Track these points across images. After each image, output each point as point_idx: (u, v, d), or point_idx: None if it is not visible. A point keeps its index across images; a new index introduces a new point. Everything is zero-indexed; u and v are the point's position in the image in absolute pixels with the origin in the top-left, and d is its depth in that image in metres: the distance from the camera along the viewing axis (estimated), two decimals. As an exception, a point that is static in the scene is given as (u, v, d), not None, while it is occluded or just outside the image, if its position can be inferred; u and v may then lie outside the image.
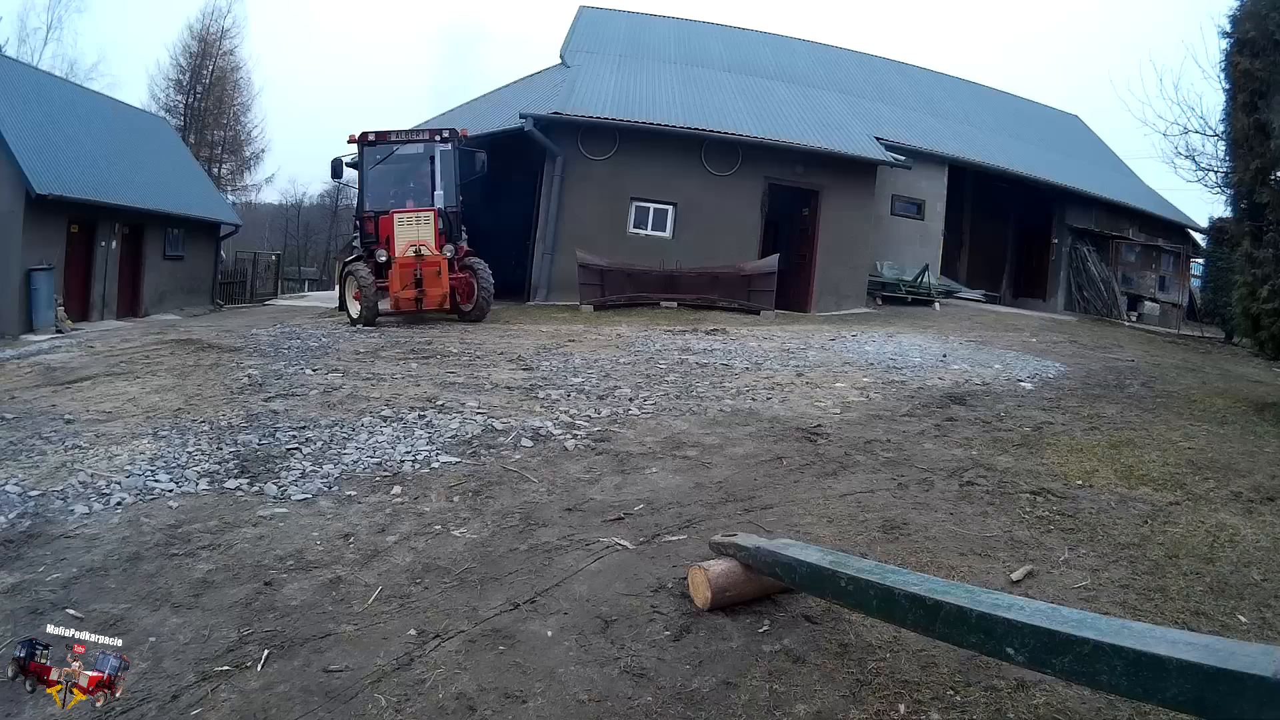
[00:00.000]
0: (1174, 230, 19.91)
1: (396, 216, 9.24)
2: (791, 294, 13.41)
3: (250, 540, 2.71)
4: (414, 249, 8.99)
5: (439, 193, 10.11)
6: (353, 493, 3.16)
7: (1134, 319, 17.57)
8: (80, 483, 3.14)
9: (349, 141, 10.04)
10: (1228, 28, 5.80)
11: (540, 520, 2.93)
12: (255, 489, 3.17)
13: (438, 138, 10.37)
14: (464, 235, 10.20)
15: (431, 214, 9.39)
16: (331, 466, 3.42)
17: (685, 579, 2.36)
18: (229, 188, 31.25)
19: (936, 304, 14.27)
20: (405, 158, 10.34)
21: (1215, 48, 14.77)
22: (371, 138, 10.01)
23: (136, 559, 2.56)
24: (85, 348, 6.46)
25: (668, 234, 13.60)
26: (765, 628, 2.17)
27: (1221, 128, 7.96)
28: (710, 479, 3.40)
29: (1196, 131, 11.03)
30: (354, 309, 9.26)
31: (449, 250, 9.30)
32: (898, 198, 15.31)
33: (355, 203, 11.29)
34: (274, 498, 3.10)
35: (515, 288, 16.75)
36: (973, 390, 5.51)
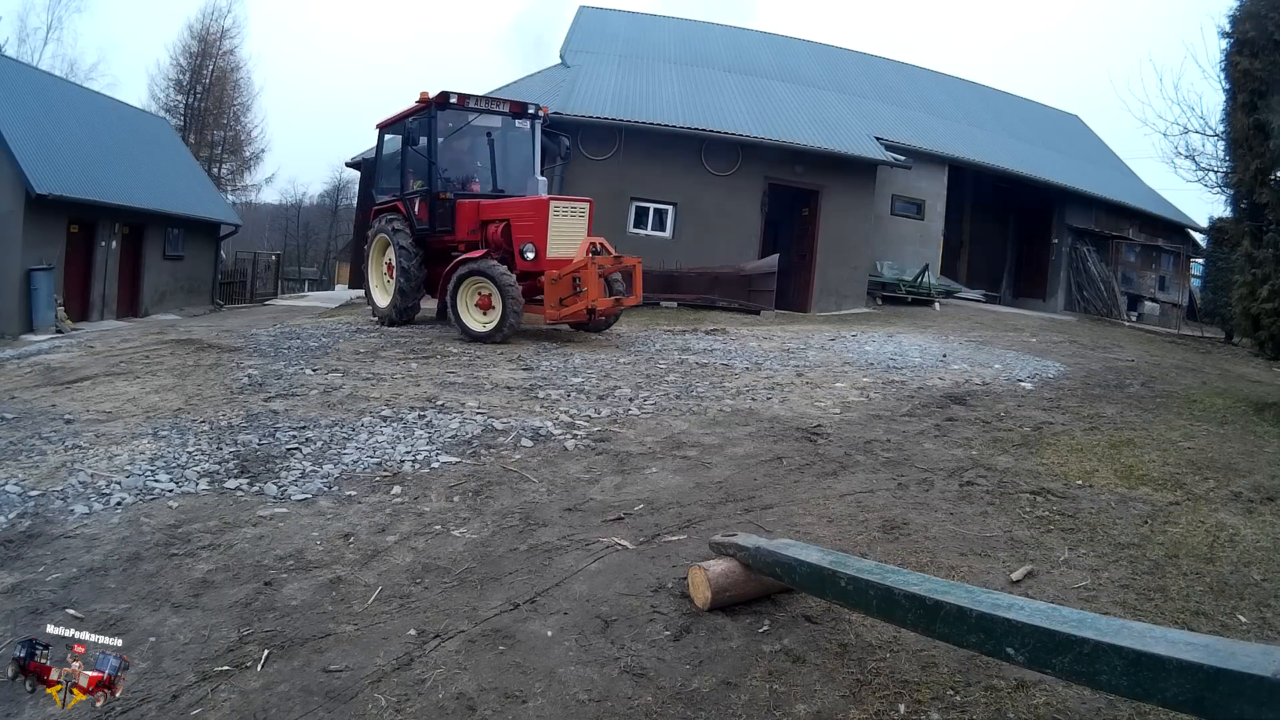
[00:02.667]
0: (1174, 230, 19.91)
1: (553, 205, 7.48)
2: (791, 294, 13.42)
3: (250, 540, 2.71)
4: (594, 247, 7.35)
5: (541, 179, 8.44)
6: (353, 493, 3.16)
7: (1134, 319, 17.57)
8: (80, 483, 3.14)
9: (419, 102, 8.08)
10: (1228, 28, 5.80)
11: (540, 520, 2.93)
12: (255, 489, 3.17)
13: (529, 110, 8.67)
14: None
15: (587, 205, 7.79)
16: (331, 466, 3.42)
17: (685, 579, 2.36)
18: (229, 188, 31.25)
19: (936, 304, 14.27)
20: (475, 131, 8.64)
21: (1215, 48, 14.77)
22: (454, 99, 8.07)
23: (136, 559, 2.56)
24: (85, 348, 6.46)
25: (668, 234, 13.61)
26: (765, 628, 2.17)
27: (1221, 128, 7.97)
28: (710, 479, 3.40)
29: (1196, 131, 11.05)
30: (475, 320, 7.23)
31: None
32: (898, 197, 15.32)
33: (379, 180, 9.32)
34: (274, 498, 3.10)
35: (515, 288, 16.65)
36: (973, 390, 5.51)
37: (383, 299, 8.62)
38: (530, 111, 8.60)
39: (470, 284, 7.28)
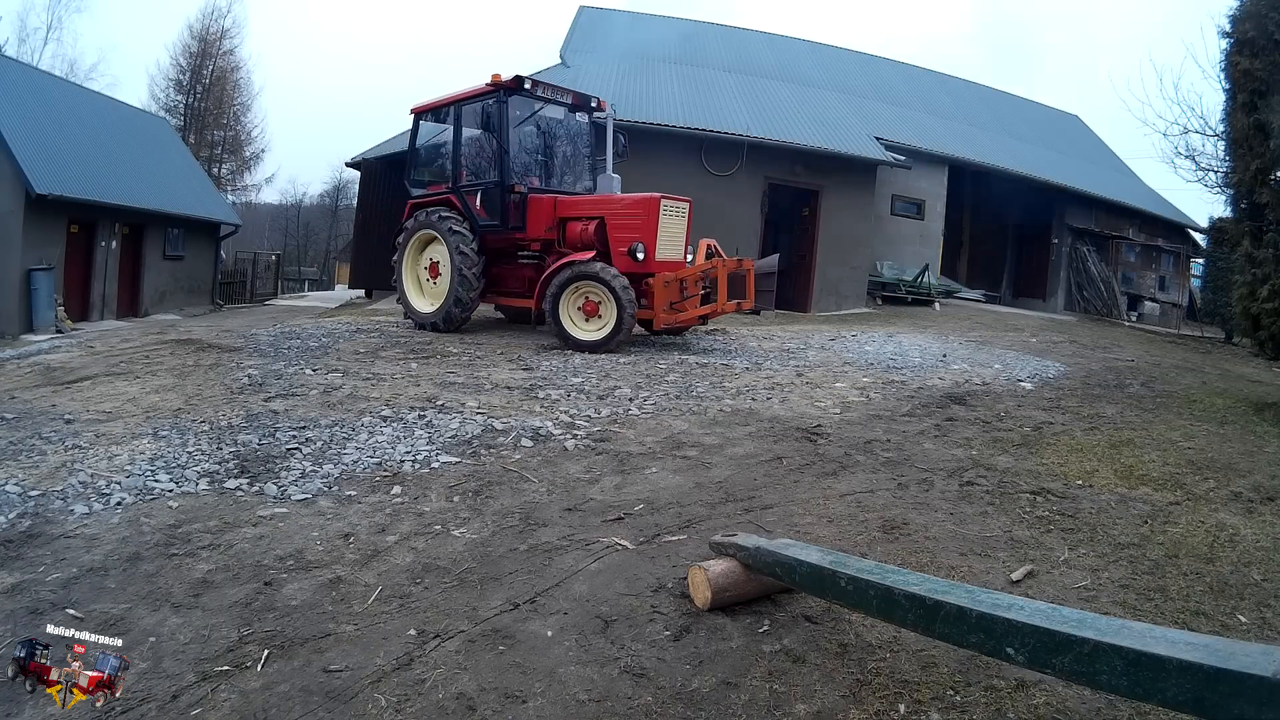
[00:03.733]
0: (1174, 230, 19.92)
1: (664, 204, 7.02)
2: (791, 294, 13.42)
3: (250, 540, 2.71)
4: (710, 250, 7.16)
5: (615, 177, 7.71)
6: (353, 493, 3.16)
7: (1134, 319, 17.58)
8: (80, 483, 3.14)
9: (490, 84, 7.33)
10: (1228, 28, 5.80)
11: (540, 520, 2.93)
12: (255, 489, 3.17)
13: (590, 104, 8.15)
14: None
15: (688, 205, 7.36)
16: (331, 466, 3.42)
17: (685, 579, 2.36)
18: (229, 188, 31.27)
19: (936, 304, 14.28)
20: (537, 121, 8.07)
21: (1215, 48, 14.79)
22: (527, 85, 7.38)
23: (136, 559, 2.56)
24: (85, 348, 6.46)
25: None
26: (765, 628, 2.17)
27: (1221, 128, 7.96)
28: (710, 479, 3.40)
29: (1196, 131, 11.04)
30: (581, 328, 6.80)
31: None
32: (898, 197, 15.33)
33: (417, 169, 8.51)
34: (274, 498, 3.10)
35: (515, 288, 16.67)
36: (973, 390, 5.51)
37: (424, 303, 7.86)
38: (592, 105, 8.16)
39: (577, 288, 6.77)
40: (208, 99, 31.03)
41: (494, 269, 7.67)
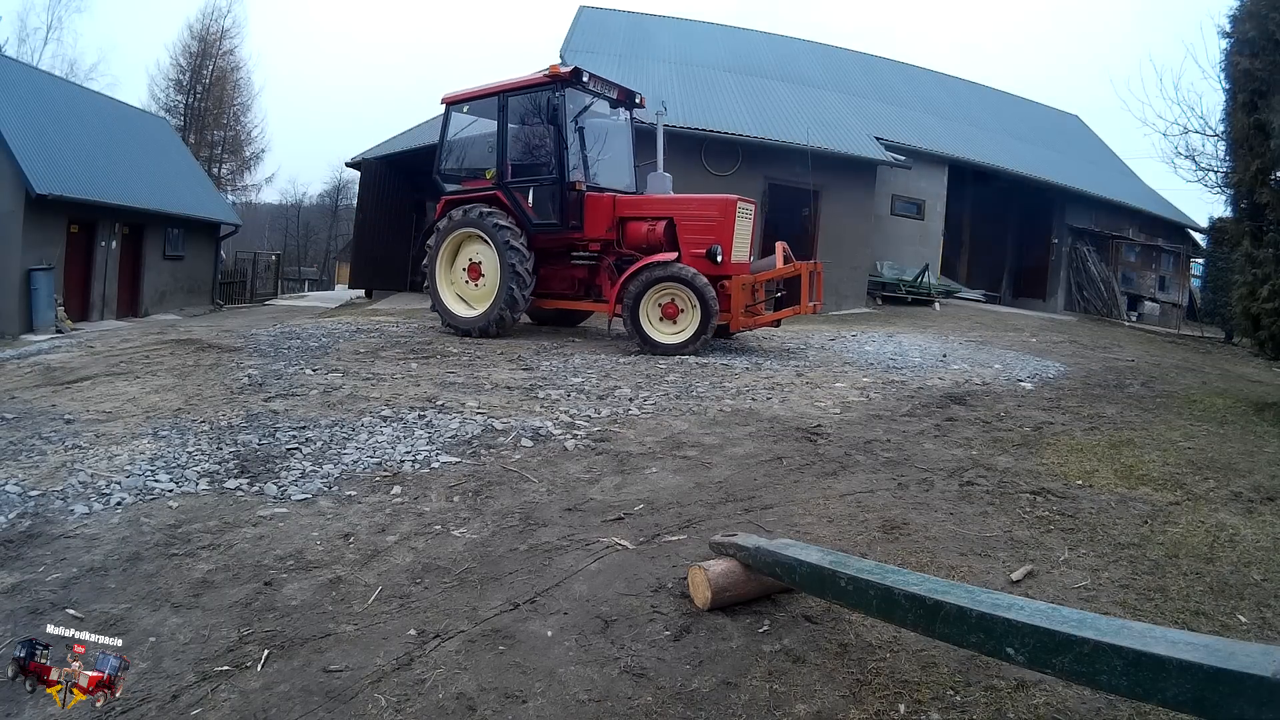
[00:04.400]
0: (1174, 230, 19.93)
1: (740, 206, 6.95)
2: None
3: (250, 540, 2.71)
4: (785, 253, 7.16)
5: (667, 176, 7.55)
6: (353, 493, 3.16)
7: (1134, 319, 17.58)
8: (80, 483, 3.14)
9: (548, 75, 7.08)
10: (1228, 28, 5.81)
11: (540, 520, 2.93)
12: (255, 489, 3.17)
13: (636, 100, 7.95)
14: None
15: (753, 206, 7.31)
16: (331, 466, 3.42)
17: (685, 579, 2.36)
18: (229, 188, 31.29)
19: (936, 304, 14.28)
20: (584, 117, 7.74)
21: (1215, 48, 14.80)
22: (585, 77, 7.16)
23: (136, 559, 2.56)
24: (85, 348, 6.46)
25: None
26: (765, 628, 2.17)
27: (1221, 128, 7.97)
28: (710, 479, 3.40)
29: (1196, 131, 11.04)
30: (660, 331, 6.65)
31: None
32: (898, 198, 15.33)
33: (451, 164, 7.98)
34: (274, 498, 3.10)
35: (515, 288, 16.65)
36: (973, 390, 5.51)
37: (463, 307, 7.43)
38: (637, 102, 7.94)
39: (658, 291, 6.62)
40: (208, 99, 31.05)
41: (539, 270, 7.38)
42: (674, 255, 6.74)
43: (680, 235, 6.92)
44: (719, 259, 6.72)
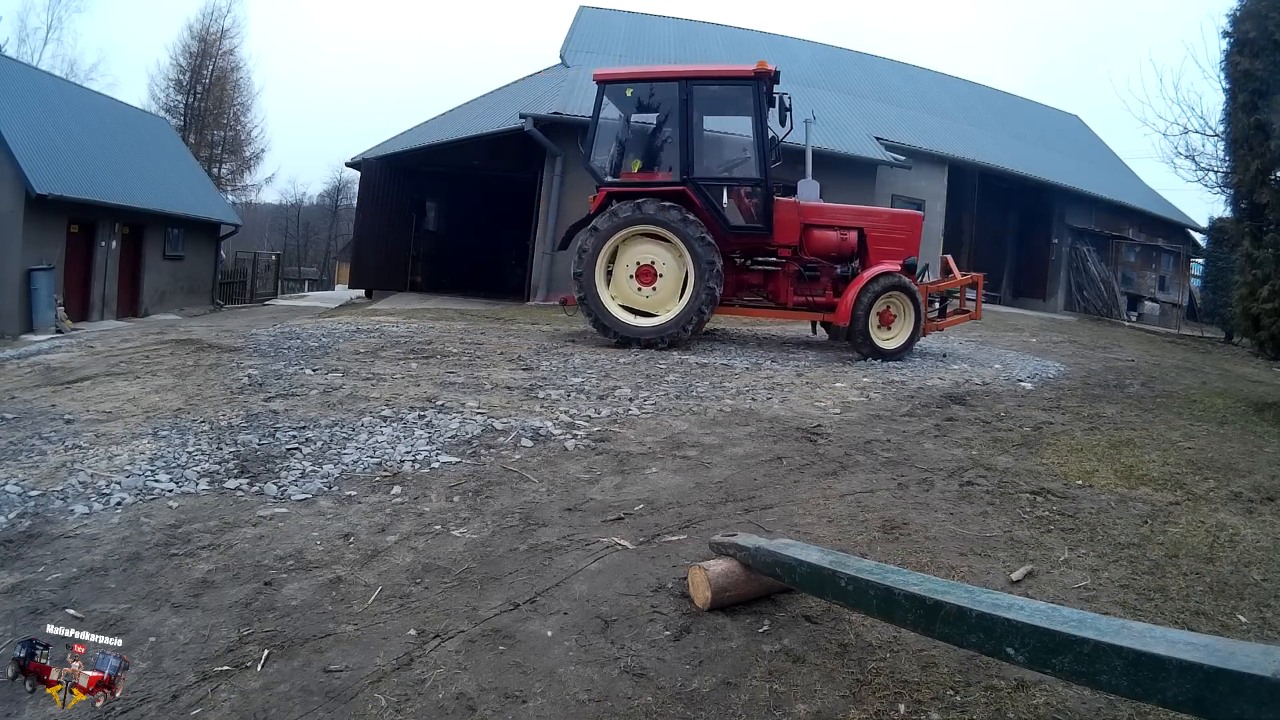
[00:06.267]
0: (1174, 230, 19.93)
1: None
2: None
3: (250, 540, 2.71)
4: (947, 265, 7.43)
5: (816, 183, 7.69)
6: (353, 493, 3.16)
7: (1134, 319, 17.59)
8: (80, 483, 3.14)
9: (755, 71, 6.79)
10: (1228, 28, 5.81)
11: (540, 520, 2.93)
12: (255, 489, 3.17)
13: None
14: None
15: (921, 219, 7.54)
16: (331, 466, 3.42)
17: (685, 579, 2.36)
18: (229, 188, 31.31)
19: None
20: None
21: (1215, 48, 14.80)
22: (772, 69, 6.85)
23: (136, 559, 2.56)
24: (85, 348, 6.46)
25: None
26: (765, 628, 2.17)
27: (1221, 128, 7.98)
28: (710, 479, 3.40)
29: (1196, 131, 11.07)
30: (880, 337, 6.73)
31: None
32: (898, 197, 15.33)
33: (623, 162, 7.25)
34: (274, 498, 3.10)
35: (515, 288, 16.75)
36: (973, 390, 5.52)
37: (630, 315, 6.85)
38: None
39: (884, 299, 6.73)
40: (208, 99, 31.06)
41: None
42: (899, 265, 6.84)
43: (870, 246, 7.02)
44: (916, 270, 6.93)
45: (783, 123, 6.87)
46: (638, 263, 6.81)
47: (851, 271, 7.03)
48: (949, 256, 7.77)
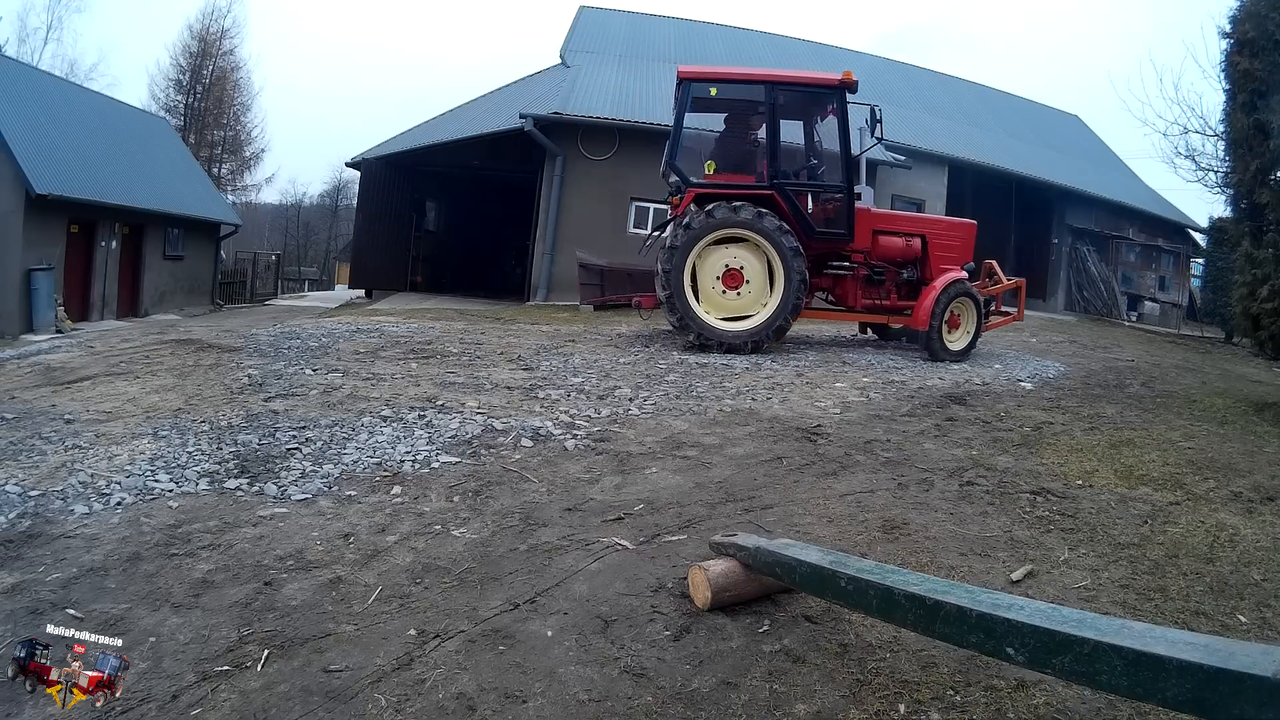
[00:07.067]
0: (1174, 230, 19.94)
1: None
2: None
3: (250, 540, 2.71)
4: (991, 270, 7.82)
5: (870, 189, 7.91)
6: (353, 493, 3.16)
7: (1134, 319, 17.59)
8: (80, 483, 3.14)
9: (841, 79, 7.00)
10: (1228, 28, 5.82)
11: (540, 520, 2.93)
12: (255, 489, 3.17)
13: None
14: None
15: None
16: (331, 466, 3.42)
17: (685, 579, 2.36)
18: (229, 188, 31.30)
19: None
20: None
21: (1215, 48, 14.81)
22: (855, 79, 7.10)
23: (136, 559, 2.56)
24: (85, 348, 6.46)
25: (668, 234, 13.55)
26: (765, 628, 2.17)
27: (1221, 128, 7.99)
28: (710, 479, 3.40)
29: (1196, 131, 11.07)
30: (948, 339, 6.98)
31: None
32: (898, 197, 15.33)
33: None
34: (274, 498, 3.10)
35: (515, 287, 16.75)
36: (972, 390, 5.52)
37: (718, 318, 6.83)
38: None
39: (955, 303, 7.04)
40: (208, 99, 31.05)
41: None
42: (963, 273, 7.18)
43: (931, 253, 7.31)
44: (977, 277, 7.31)
45: (873, 133, 7.11)
46: (726, 266, 6.82)
47: (915, 277, 7.33)
48: (993, 261, 7.98)
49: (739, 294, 6.83)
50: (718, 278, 6.83)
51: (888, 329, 8.09)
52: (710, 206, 6.72)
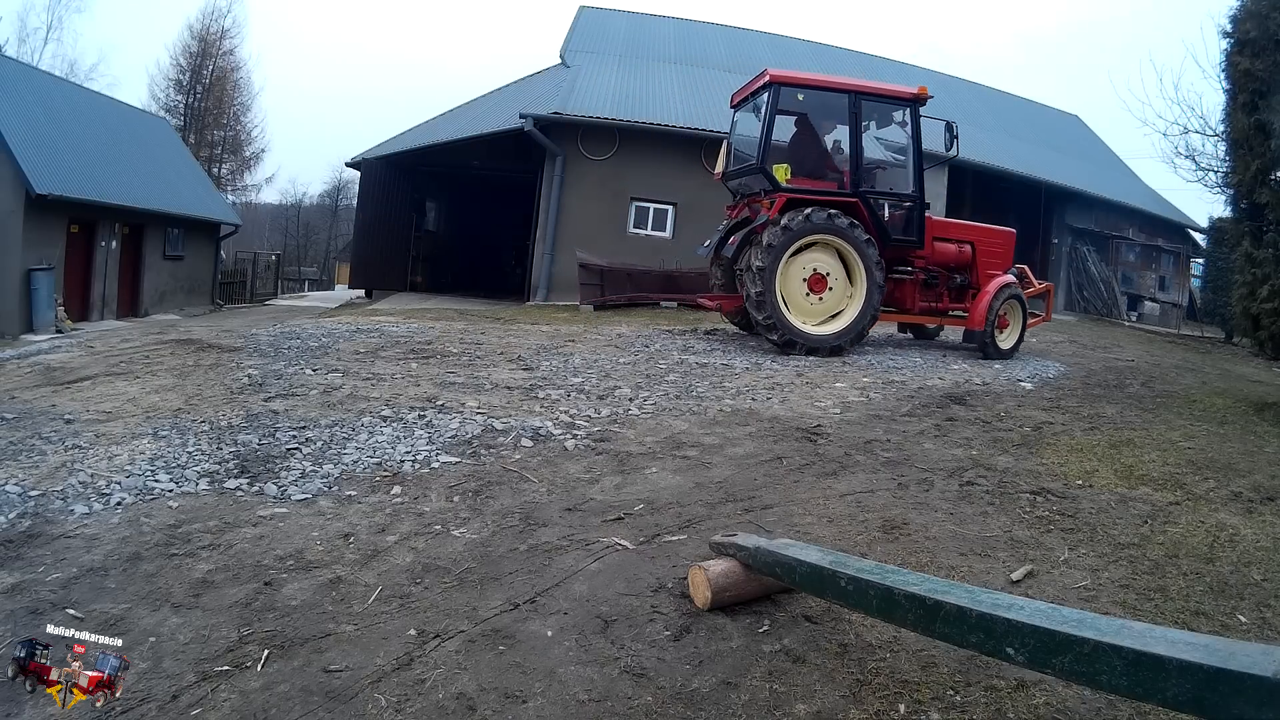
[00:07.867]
0: (1174, 230, 19.93)
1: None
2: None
3: (250, 540, 2.71)
4: (1022, 273, 8.16)
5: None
6: (353, 493, 3.16)
7: (1134, 319, 17.59)
8: (80, 483, 3.14)
9: (916, 92, 7.40)
10: (1228, 28, 5.81)
11: (540, 520, 2.93)
12: (255, 489, 3.17)
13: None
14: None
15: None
16: (331, 466, 3.42)
17: (685, 579, 2.36)
18: (229, 188, 31.31)
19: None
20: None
21: (1215, 48, 14.81)
22: (929, 94, 7.52)
23: (136, 559, 2.56)
24: (85, 348, 6.46)
25: (668, 234, 13.61)
26: (765, 628, 2.17)
27: (1221, 128, 8.00)
28: (710, 479, 3.40)
29: (1196, 131, 11.07)
30: (1000, 338, 7.41)
31: None
32: (898, 198, 15.29)
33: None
34: (274, 498, 3.10)
35: (515, 287, 16.75)
36: (973, 390, 5.52)
37: (800, 321, 6.94)
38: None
39: (1006, 306, 7.42)
40: (208, 99, 31.06)
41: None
42: (1011, 278, 7.59)
43: (979, 258, 7.73)
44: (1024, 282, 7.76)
45: (948, 149, 7.41)
46: (814, 269, 6.96)
47: (965, 282, 7.71)
48: (1025, 266, 8.26)
49: (821, 298, 7.01)
50: (804, 280, 6.96)
51: (924, 328, 8.51)
52: (808, 211, 6.82)
